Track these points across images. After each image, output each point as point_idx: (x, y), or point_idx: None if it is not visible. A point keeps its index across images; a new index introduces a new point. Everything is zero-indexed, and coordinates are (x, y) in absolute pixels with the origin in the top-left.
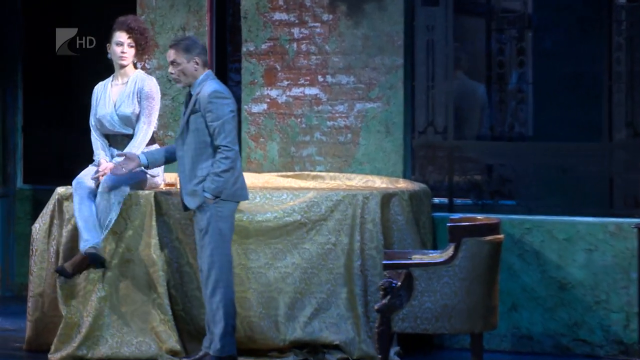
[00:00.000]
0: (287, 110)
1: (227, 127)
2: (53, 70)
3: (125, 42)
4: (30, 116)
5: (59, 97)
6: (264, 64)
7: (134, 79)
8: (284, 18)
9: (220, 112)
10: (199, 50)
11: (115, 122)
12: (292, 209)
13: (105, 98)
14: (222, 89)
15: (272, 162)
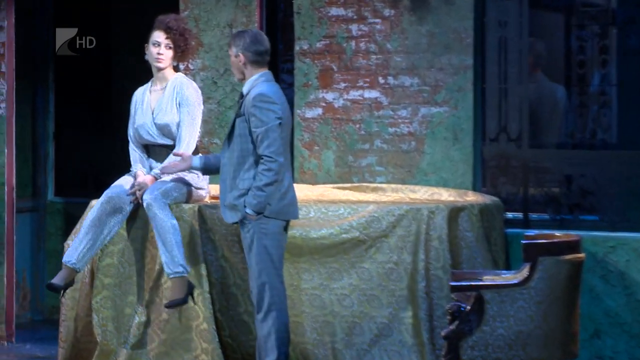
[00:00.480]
0: (344, 115)
1: (271, 135)
2: (87, 71)
3: (162, 43)
4: (62, 122)
5: (94, 101)
6: (319, 64)
7: (172, 84)
8: (341, 13)
9: (265, 118)
10: (245, 47)
11: (154, 132)
12: (350, 225)
13: (143, 105)
14: (272, 92)
15: (328, 173)
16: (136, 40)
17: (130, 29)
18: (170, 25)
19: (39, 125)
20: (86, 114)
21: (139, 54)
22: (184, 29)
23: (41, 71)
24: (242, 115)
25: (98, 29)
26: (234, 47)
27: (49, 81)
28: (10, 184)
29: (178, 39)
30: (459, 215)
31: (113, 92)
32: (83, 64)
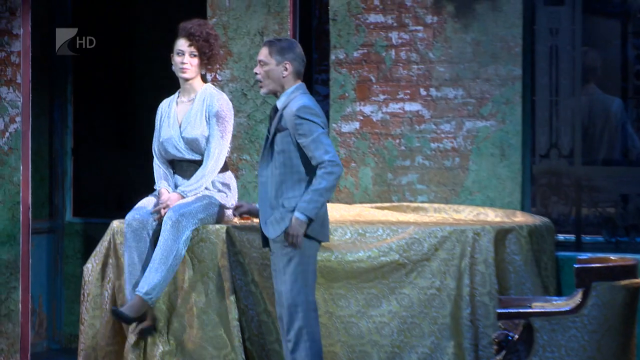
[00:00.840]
0: (384, 129)
1: (324, 140)
2: (108, 83)
3: (186, 51)
4: (81, 136)
5: (116, 114)
6: (356, 74)
7: (201, 96)
8: (380, 20)
9: (312, 128)
10: (294, 57)
11: (181, 147)
12: (389, 247)
13: (169, 118)
14: (314, 104)
15: (365, 191)
16: (161, 49)
17: (155, 38)
18: (192, 31)
19: (57, 141)
20: (107, 128)
21: (165, 64)
22: (208, 34)
23: (59, 82)
24: (284, 129)
25: (121, 37)
26: (278, 56)
27: (67, 93)
28: (26, 204)
29: (202, 45)
30: (506, 237)
31: (136, 104)
32: (104, 74)
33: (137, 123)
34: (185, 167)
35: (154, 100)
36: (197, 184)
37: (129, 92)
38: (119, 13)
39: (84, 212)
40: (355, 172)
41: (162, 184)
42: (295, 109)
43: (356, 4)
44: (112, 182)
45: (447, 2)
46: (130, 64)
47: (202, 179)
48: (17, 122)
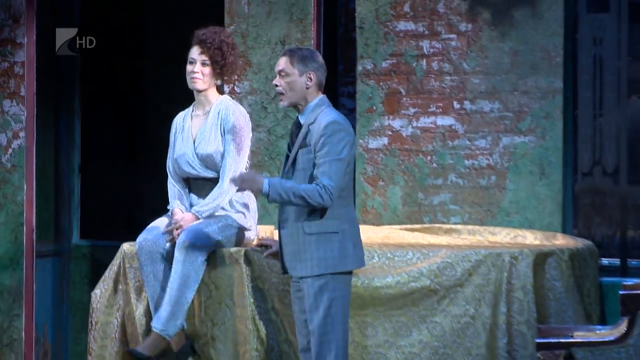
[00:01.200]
0: (414, 145)
1: (336, 167)
2: (119, 95)
3: (197, 60)
4: (89, 153)
5: (127, 129)
6: (385, 86)
7: (216, 108)
8: (410, 28)
9: (334, 149)
10: (318, 66)
11: (195, 164)
12: (420, 272)
13: (183, 134)
14: (343, 120)
15: (394, 212)
16: (176, 59)
17: (169, 47)
18: (204, 38)
19: (63, 157)
20: (117, 144)
21: (179, 75)
22: (221, 41)
23: (65, 94)
24: (307, 145)
25: (132, 46)
26: (301, 66)
27: (74, 106)
28: (30, 225)
29: (215, 53)
30: (546, 261)
31: (149, 117)
32: (114, 86)
33: (149, 138)
34: (200, 185)
35: (167, 113)
36: (213, 203)
37: (141, 104)
38: (130, 20)
39: (92, 234)
40: (384, 191)
41: (175, 203)
42: (324, 124)
43: (385, 10)
44: (123, 202)
45: (483, 9)
46: (143, 75)
47: (218, 198)
48: (21, 138)
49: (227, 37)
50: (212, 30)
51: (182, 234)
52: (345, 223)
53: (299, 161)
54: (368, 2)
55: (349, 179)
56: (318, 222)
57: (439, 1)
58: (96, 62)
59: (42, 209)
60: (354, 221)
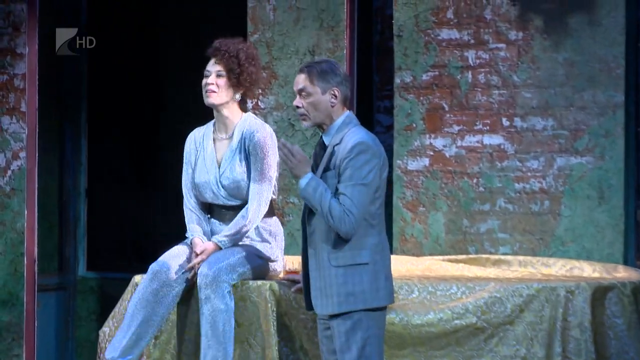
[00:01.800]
0: (459, 167)
1: (359, 193)
2: (129, 111)
3: (212, 71)
4: (96, 175)
5: (138, 148)
6: (426, 101)
7: (240, 129)
8: (454, 37)
9: (362, 172)
10: (340, 80)
11: (220, 194)
12: (465, 308)
13: (205, 156)
14: (372, 140)
15: (436, 241)
16: (193, 73)
17: (185, 60)
18: (218, 46)
19: (68, 180)
20: (128, 165)
21: (196, 90)
22: (238, 50)
23: (71, 111)
24: (331, 169)
25: (144, 58)
26: (323, 83)
27: (80, 123)
28: (31, 255)
29: (230, 61)
30: (605, 296)
31: (163, 137)
32: (124, 102)
33: (163, 159)
34: (224, 212)
35: (182, 132)
36: (237, 233)
37: (154, 122)
38: (143, 29)
39: (100, 265)
40: (424, 217)
41: (195, 231)
42: (350, 146)
43: (426, 17)
44: (134, 230)
45: (535, 15)
46: (157, 90)
47: (244, 227)
48: (21, 158)
49: (247, 47)
50: (231, 40)
51: (203, 266)
52: (377, 253)
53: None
54: (407, 8)
55: (380, 205)
56: (346, 253)
57: (485, 7)
58: (105, 75)
59: (45, 237)
60: (385, 252)
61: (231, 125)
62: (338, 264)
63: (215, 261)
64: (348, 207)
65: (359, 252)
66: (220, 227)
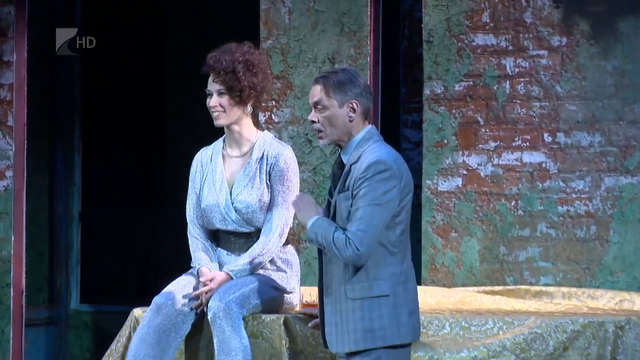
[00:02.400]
0: (495, 187)
1: (373, 215)
2: (128, 125)
3: (213, 91)
4: (92, 197)
5: (137, 168)
6: (459, 114)
7: (259, 149)
8: (490, 42)
9: (377, 192)
10: (360, 91)
11: (231, 218)
12: (502, 345)
13: (214, 177)
14: (392, 159)
15: (470, 270)
16: (200, 83)
17: (191, 68)
18: (212, 62)
19: (60, 203)
20: (126, 187)
21: (203, 103)
22: (232, 61)
23: (63, 125)
24: (347, 190)
25: (148, 66)
26: (340, 95)
27: (73, 139)
28: (19, 287)
29: (227, 78)
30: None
31: (166, 154)
32: (122, 115)
33: (165, 180)
34: (233, 239)
35: (190, 148)
36: (252, 263)
37: (156, 138)
38: (144, 33)
39: (95, 297)
40: (457, 244)
41: (201, 259)
42: (366, 164)
43: (458, 20)
44: (134, 258)
45: (581, 19)
46: (159, 103)
47: (259, 257)
48: (8, 178)
49: (242, 54)
50: (223, 50)
51: (214, 298)
52: (398, 285)
53: (338, 208)
54: (438, 11)
55: (402, 231)
56: (363, 285)
57: (525, 9)
58: (101, 84)
59: (34, 266)
60: (409, 283)
61: (245, 142)
62: (355, 296)
63: (226, 292)
64: (356, 228)
65: (378, 283)
66: (229, 257)
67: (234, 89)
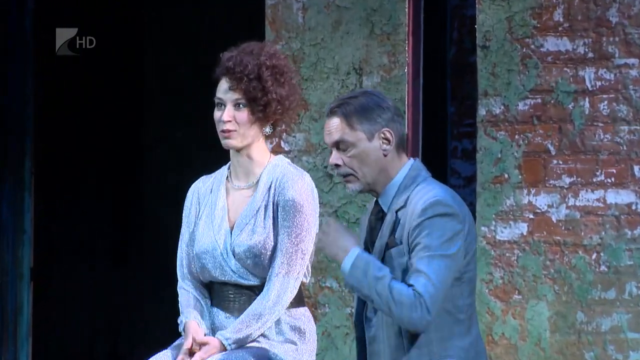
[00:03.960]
0: (570, 236)
1: (438, 265)
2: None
3: (227, 100)
4: (47, 248)
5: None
6: (523, 141)
7: (268, 177)
8: (564, 48)
9: (441, 240)
10: (392, 116)
11: (230, 266)
12: None
13: (212, 213)
14: (452, 198)
15: (538, 343)
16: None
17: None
18: (230, 64)
19: (6, 255)
20: (92, 236)
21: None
22: (258, 64)
23: (12, 156)
24: (398, 244)
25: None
26: (363, 124)
27: (24, 173)
28: None
29: (251, 87)
30: None
31: (145, 190)
32: (88, 140)
33: (146, 224)
34: (232, 296)
35: (174, 185)
36: (251, 327)
37: (132, 170)
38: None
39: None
40: (521, 309)
41: (190, 314)
42: (421, 207)
43: (523, 19)
44: (103, 325)
45: None
46: (137, 123)
47: (260, 320)
48: None
49: (269, 57)
50: (243, 50)
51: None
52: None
53: (391, 267)
54: (496, 7)
55: (469, 293)
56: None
57: (610, 5)
58: (62, 105)
59: None
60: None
61: (255, 170)
62: None
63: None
64: (423, 285)
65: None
66: (227, 319)
67: (258, 101)
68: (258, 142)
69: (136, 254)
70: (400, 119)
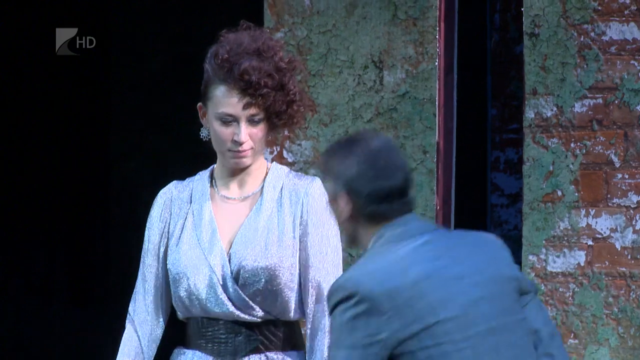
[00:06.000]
0: (638, 267)
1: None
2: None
3: (241, 117)
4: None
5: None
6: (580, 150)
7: (274, 186)
8: (631, 36)
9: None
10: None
11: (228, 293)
12: None
13: (198, 227)
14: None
15: None
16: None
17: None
18: (249, 79)
19: None
20: (45, 272)
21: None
22: (276, 70)
23: None
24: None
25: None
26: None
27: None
28: None
29: (274, 99)
30: None
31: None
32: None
33: (111, 258)
34: (224, 335)
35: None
36: None
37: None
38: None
39: None
40: (578, 357)
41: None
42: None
43: (581, 1)
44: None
45: None
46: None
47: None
48: None
49: (276, 51)
50: (246, 49)
51: None
52: None
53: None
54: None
55: None
56: None
57: None
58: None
59: None
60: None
61: (252, 180)
62: None
63: None
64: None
65: None
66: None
67: (282, 115)
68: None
69: (98, 294)
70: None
